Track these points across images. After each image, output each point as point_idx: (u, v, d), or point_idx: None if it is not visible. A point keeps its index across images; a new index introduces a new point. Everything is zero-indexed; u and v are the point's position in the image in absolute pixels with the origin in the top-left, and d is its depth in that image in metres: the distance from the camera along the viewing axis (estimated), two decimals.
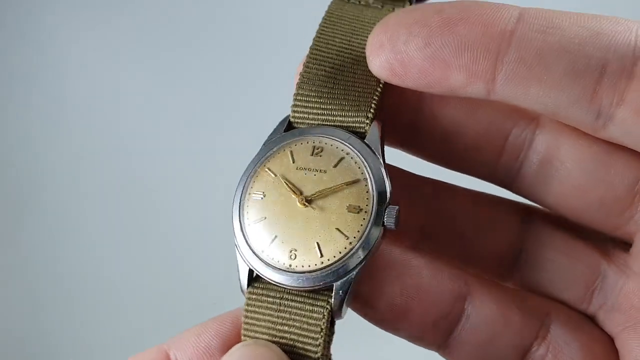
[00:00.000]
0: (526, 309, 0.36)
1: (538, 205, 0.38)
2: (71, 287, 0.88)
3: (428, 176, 0.39)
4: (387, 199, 0.33)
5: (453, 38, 0.30)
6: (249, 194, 0.35)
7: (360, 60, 0.36)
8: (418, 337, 0.36)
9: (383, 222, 0.33)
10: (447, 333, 0.36)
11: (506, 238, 0.38)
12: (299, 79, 0.36)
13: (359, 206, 0.33)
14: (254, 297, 0.33)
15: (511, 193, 0.38)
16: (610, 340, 0.36)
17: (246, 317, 0.33)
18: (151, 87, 0.91)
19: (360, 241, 0.32)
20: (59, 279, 0.88)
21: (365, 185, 0.33)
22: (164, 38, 0.93)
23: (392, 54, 0.32)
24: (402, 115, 0.36)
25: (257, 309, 0.33)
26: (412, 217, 0.37)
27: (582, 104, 0.31)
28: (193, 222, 0.86)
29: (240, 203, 0.35)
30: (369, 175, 0.33)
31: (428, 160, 0.38)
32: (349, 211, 0.33)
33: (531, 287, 0.38)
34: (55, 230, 0.90)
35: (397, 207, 0.33)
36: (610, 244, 0.37)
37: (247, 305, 0.33)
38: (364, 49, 0.35)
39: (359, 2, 0.38)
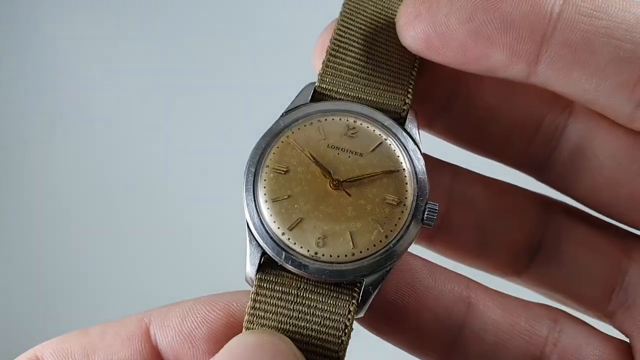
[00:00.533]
0: (533, 315, 0.35)
1: (559, 199, 0.38)
2: (70, 287, 0.86)
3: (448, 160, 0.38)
4: (427, 194, 0.31)
5: (498, 14, 0.29)
6: (267, 166, 0.31)
7: (393, 35, 0.33)
8: (417, 345, 0.34)
9: (423, 219, 0.30)
10: (449, 340, 0.34)
11: (525, 229, 0.37)
12: (330, 45, 0.33)
13: (398, 199, 0.30)
14: (265, 284, 0.30)
15: (537, 183, 0.37)
16: (622, 345, 0.35)
17: (253, 307, 0.29)
18: (150, 86, 0.90)
19: (398, 236, 0.30)
20: (58, 278, 0.86)
21: (405, 177, 0.31)
22: (164, 38, 0.92)
23: (430, 25, 0.30)
24: (434, 98, 0.35)
25: (268, 299, 0.29)
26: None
27: (623, 92, 0.30)
28: (192, 221, 0.85)
29: (255, 174, 0.30)
30: (409, 167, 0.31)
31: (458, 145, 0.37)
32: (387, 202, 0.30)
33: (548, 283, 0.37)
34: (53, 229, 0.88)
35: (437, 204, 0.31)
36: (630, 241, 0.36)
37: (257, 294, 0.29)
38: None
39: None
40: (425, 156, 0.34)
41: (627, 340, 0.35)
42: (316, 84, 0.33)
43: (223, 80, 0.89)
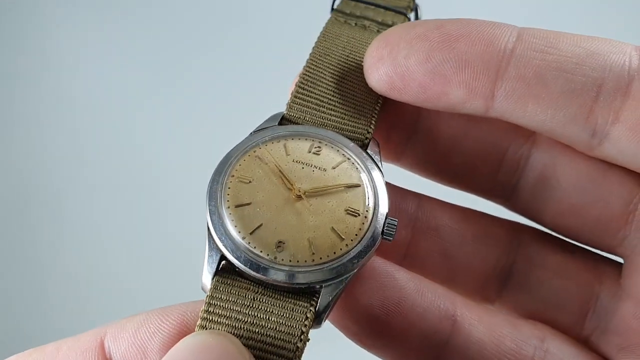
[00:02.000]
0: (519, 335, 0.35)
1: (529, 224, 0.38)
2: (69, 286, 0.86)
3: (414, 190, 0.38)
4: (387, 210, 0.32)
5: (454, 54, 0.31)
6: (232, 175, 0.32)
7: (359, 76, 0.36)
8: (400, 358, 0.35)
9: (383, 232, 0.31)
10: (433, 357, 0.34)
11: (495, 257, 0.37)
12: (300, 79, 0.35)
13: (358, 211, 0.32)
14: (221, 288, 0.29)
15: (506, 211, 0.38)
16: None
17: (207, 311, 0.29)
18: (150, 86, 0.91)
19: (358, 245, 0.31)
20: (57, 277, 0.86)
21: (366, 192, 0.32)
22: (163, 37, 0.93)
23: (392, 67, 0.32)
24: (398, 130, 0.36)
25: (222, 303, 0.29)
26: (398, 232, 0.36)
27: (578, 121, 0.31)
28: (191, 221, 0.85)
29: (219, 183, 0.32)
30: (370, 184, 0.33)
31: (423, 176, 0.38)
32: (347, 213, 0.31)
33: (521, 310, 0.38)
34: (53, 228, 0.88)
35: (396, 219, 0.32)
36: (602, 265, 0.37)
37: (211, 297, 0.29)
38: (362, 66, 0.35)
39: (356, 24, 0.38)
40: (390, 185, 0.35)
41: None
42: (284, 112, 0.35)
43: (223, 81, 0.90)
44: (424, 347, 0.34)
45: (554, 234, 0.38)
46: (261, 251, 0.30)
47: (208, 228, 0.31)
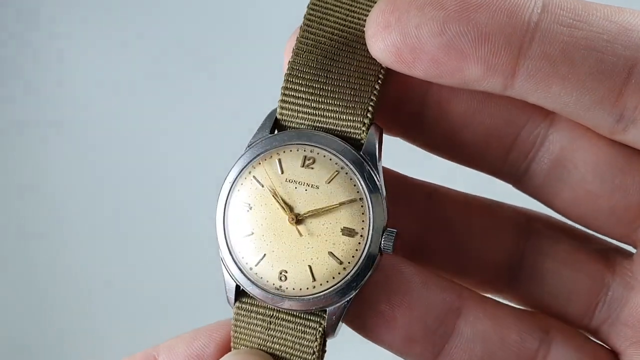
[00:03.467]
0: (524, 328, 0.34)
1: (539, 212, 0.37)
2: (69, 288, 0.86)
3: (424, 179, 0.36)
4: (385, 221, 0.31)
5: (472, 26, 0.27)
6: (233, 205, 0.32)
7: (357, 46, 0.32)
8: (405, 351, 0.34)
9: (380, 248, 0.31)
10: (438, 349, 0.33)
11: (505, 248, 0.36)
12: (288, 70, 0.32)
13: (354, 229, 0.31)
14: (242, 312, 0.32)
15: (516, 193, 0.36)
16: (613, 356, 0.35)
17: (235, 331, 0.32)
18: (149, 85, 0.89)
19: (356, 267, 0.31)
20: (56, 279, 0.86)
21: (362, 206, 0.31)
22: (162, 36, 0.91)
23: (400, 37, 0.28)
24: (405, 105, 0.33)
25: (245, 325, 0.32)
26: (407, 226, 0.34)
27: (605, 105, 0.28)
28: (190, 220, 0.84)
29: (224, 214, 0.32)
30: (365, 195, 0.31)
31: (431, 152, 0.35)
32: (343, 234, 0.31)
33: (531, 301, 0.36)
34: (52, 228, 0.88)
35: (395, 230, 0.31)
36: (613, 254, 0.35)
37: (236, 320, 0.32)
38: (361, 32, 0.32)
39: None
40: (397, 175, 0.34)
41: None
42: (277, 112, 0.33)
43: (225, 80, 0.88)
44: (429, 340, 0.33)
45: (564, 221, 0.36)
46: (267, 281, 0.31)
47: (222, 259, 0.32)
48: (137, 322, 0.83)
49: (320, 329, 0.31)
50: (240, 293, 0.32)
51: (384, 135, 0.33)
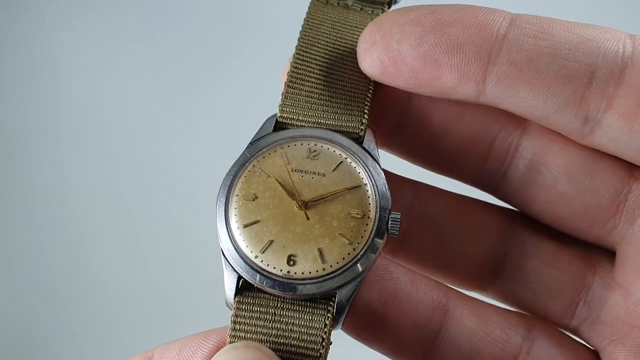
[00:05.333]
0: (508, 325, 0.35)
1: (522, 214, 0.38)
2: (67, 287, 0.85)
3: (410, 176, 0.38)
4: (389, 205, 0.32)
5: (446, 38, 0.31)
6: (237, 195, 0.32)
7: (348, 62, 0.35)
8: (397, 350, 0.35)
9: (387, 229, 0.32)
10: (427, 346, 0.35)
11: (488, 245, 0.37)
12: (288, 77, 0.35)
13: (362, 212, 0.32)
14: (243, 307, 0.31)
15: (495, 199, 0.38)
16: (594, 355, 0.36)
17: (234, 329, 0.31)
18: (148, 84, 0.91)
19: (365, 247, 0.31)
20: (53, 279, 0.85)
21: (367, 191, 0.33)
22: (161, 35, 0.93)
23: (384, 51, 0.32)
24: (389, 116, 0.36)
25: (247, 320, 0.31)
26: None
27: (570, 108, 0.31)
28: (190, 221, 0.84)
29: (226, 205, 0.32)
30: (370, 181, 0.33)
31: (414, 163, 0.38)
32: (351, 217, 0.32)
33: (514, 299, 0.38)
34: (52, 229, 0.87)
35: (399, 214, 0.32)
36: (595, 255, 0.37)
37: (236, 316, 0.31)
38: (351, 50, 0.35)
39: (338, 3, 0.38)
40: (386, 173, 0.35)
41: None
42: (277, 115, 0.35)
43: (226, 80, 0.89)
44: (418, 337, 0.35)
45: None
46: (274, 268, 0.31)
47: (222, 250, 0.32)
48: (136, 321, 0.82)
49: (329, 315, 0.31)
50: (241, 287, 0.31)
51: None
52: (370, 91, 0.35)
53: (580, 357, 0.36)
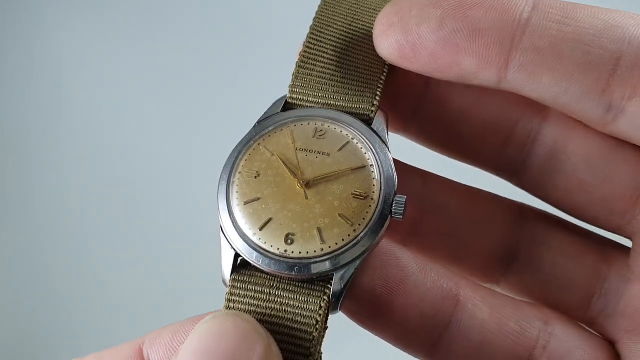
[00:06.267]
0: (523, 317, 0.34)
1: (533, 206, 0.38)
2: (66, 286, 0.85)
3: (419, 166, 0.37)
4: (395, 187, 0.31)
5: (467, 22, 0.30)
6: (239, 172, 0.32)
7: (362, 44, 0.35)
8: (402, 339, 0.34)
9: (390, 211, 0.31)
10: (435, 337, 0.34)
11: (500, 236, 0.36)
12: (300, 57, 0.34)
13: (364, 192, 0.31)
14: (238, 285, 0.30)
15: (510, 188, 0.37)
16: (611, 348, 0.35)
17: (227, 307, 0.30)
18: (148, 84, 0.90)
19: (366, 228, 0.30)
20: (53, 278, 0.85)
21: (372, 172, 0.31)
22: (162, 34, 0.92)
23: (402, 34, 0.31)
24: (405, 100, 0.35)
25: (241, 299, 0.30)
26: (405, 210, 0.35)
27: (593, 95, 0.30)
28: (189, 220, 0.84)
29: (228, 181, 0.32)
30: (376, 162, 0.32)
31: (430, 148, 0.37)
32: (354, 197, 0.31)
33: (526, 290, 0.37)
34: (52, 229, 0.87)
35: (404, 196, 0.31)
36: (610, 246, 0.36)
37: (230, 294, 0.30)
38: (366, 32, 0.34)
39: None
40: (396, 161, 0.34)
41: None
42: (287, 96, 0.34)
43: (224, 79, 0.89)
44: (426, 328, 0.33)
45: (559, 216, 0.37)
46: (271, 245, 0.30)
47: (220, 227, 0.31)
48: (136, 321, 0.81)
49: (325, 297, 0.30)
50: (238, 265, 0.31)
51: None
52: (384, 74, 0.34)
53: (598, 350, 0.35)
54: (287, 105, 0.34)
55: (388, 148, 0.32)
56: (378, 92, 0.33)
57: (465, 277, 0.36)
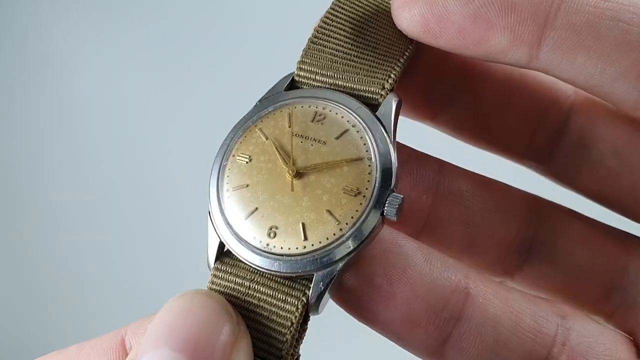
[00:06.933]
0: (540, 312, 0.31)
1: (549, 200, 0.36)
2: (66, 285, 0.85)
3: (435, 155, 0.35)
4: (392, 184, 0.28)
5: None
6: (233, 155, 0.30)
7: (387, 22, 0.32)
8: (406, 335, 0.30)
9: (383, 211, 0.28)
10: (444, 335, 0.30)
11: (517, 227, 0.34)
12: (313, 33, 0.32)
13: (357, 188, 0.28)
14: (220, 274, 0.29)
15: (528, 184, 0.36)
16: (631, 343, 0.33)
17: None
18: (149, 84, 0.89)
19: (353, 229, 0.28)
20: (55, 276, 0.85)
21: (369, 166, 0.29)
22: (163, 36, 0.91)
23: (427, 7, 0.28)
24: (440, 87, 0.33)
25: (222, 289, 0.28)
26: (418, 197, 0.33)
27: (629, 78, 0.28)
28: (190, 221, 0.84)
29: (221, 165, 0.30)
30: (375, 154, 0.29)
31: (458, 138, 0.35)
32: (344, 192, 0.28)
33: (542, 283, 0.35)
34: (50, 226, 0.87)
35: (401, 196, 0.28)
36: (627, 240, 0.35)
37: (212, 283, 0.29)
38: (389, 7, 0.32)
39: None
40: (409, 149, 0.32)
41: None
42: (294, 73, 0.32)
43: (223, 78, 0.88)
44: (433, 324, 0.30)
45: (582, 208, 0.36)
46: (254, 237, 0.28)
47: (209, 212, 0.29)
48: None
49: (304, 298, 0.28)
50: (222, 254, 0.29)
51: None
52: (405, 56, 0.31)
53: (618, 344, 0.33)
54: (293, 85, 0.31)
55: (394, 137, 0.30)
56: (392, 75, 0.30)
57: (476, 269, 0.33)
